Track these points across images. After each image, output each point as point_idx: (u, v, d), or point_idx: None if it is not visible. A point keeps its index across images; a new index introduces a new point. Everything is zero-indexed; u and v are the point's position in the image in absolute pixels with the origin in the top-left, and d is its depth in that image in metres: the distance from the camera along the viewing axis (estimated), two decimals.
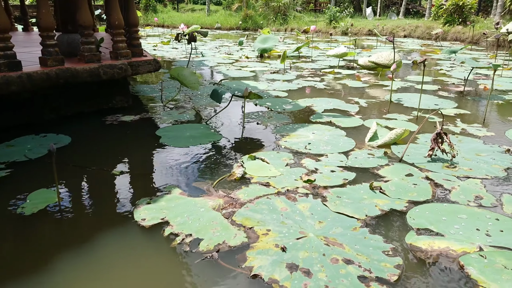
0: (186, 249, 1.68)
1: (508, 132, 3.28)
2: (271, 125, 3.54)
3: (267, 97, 4.72)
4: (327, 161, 2.67)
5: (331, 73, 6.61)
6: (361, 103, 4.41)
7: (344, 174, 2.47)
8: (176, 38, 5.44)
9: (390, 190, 2.23)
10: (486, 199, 2.12)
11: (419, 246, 1.70)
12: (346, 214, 1.97)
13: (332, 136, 3.19)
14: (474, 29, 12.62)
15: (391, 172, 2.48)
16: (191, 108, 4.13)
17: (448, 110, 4.05)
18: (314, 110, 4.10)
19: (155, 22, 19.26)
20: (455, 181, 2.35)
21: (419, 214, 1.96)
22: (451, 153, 2.63)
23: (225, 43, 13.08)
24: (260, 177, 2.41)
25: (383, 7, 25.53)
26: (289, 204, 2.07)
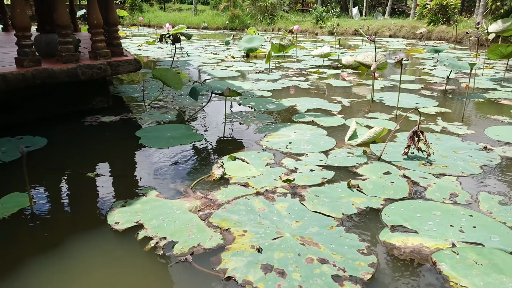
0: (160, 253, 1.66)
1: (487, 130, 3.33)
2: (253, 125, 3.53)
3: (251, 97, 4.71)
4: (307, 161, 2.68)
5: (316, 73, 6.63)
6: (344, 102, 4.43)
7: (323, 173, 2.47)
8: (160, 39, 5.36)
9: (368, 189, 2.24)
10: (461, 196, 2.15)
11: (393, 243, 1.72)
12: (323, 213, 1.97)
13: (313, 136, 3.19)
14: (457, 29, 12.83)
15: (369, 171, 2.49)
16: (173, 108, 4.09)
17: (429, 108, 4.10)
18: (297, 109, 4.10)
19: (141, 21, 19.03)
20: (431, 178, 2.38)
21: (394, 211, 1.97)
22: (426, 151, 2.66)
23: (211, 42, 13.02)
24: (240, 178, 2.39)
25: (369, 7, 25.76)
26: (267, 204, 2.06)
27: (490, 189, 2.25)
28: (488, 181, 2.36)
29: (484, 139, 3.13)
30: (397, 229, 1.83)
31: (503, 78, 6.01)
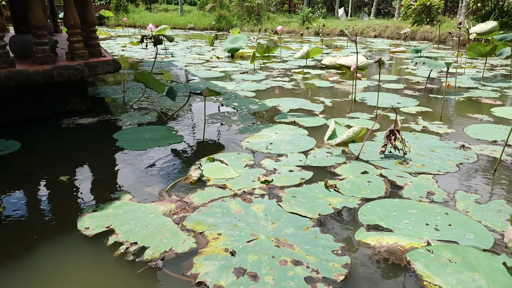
0: (130, 258, 1.61)
1: (466, 129, 3.36)
2: (235, 126, 3.49)
3: (234, 97, 4.68)
4: (286, 161, 2.65)
5: (300, 73, 6.63)
6: (326, 102, 4.43)
7: (301, 173, 2.45)
8: (141, 40, 5.28)
9: (345, 188, 2.23)
10: (438, 194, 2.15)
11: (368, 242, 1.70)
12: (300, 214, 1.95)
13: (294, 136, 3.17)
14: (441, 29, 13.02)
15: (347, 170, 2.48)
16: (154, 109, 4.02)
17: (410, 108, 4.13)
18: (280, 110, 4.08)
19: (125, 22, 18.82)
20: (407, 177, 2.38)
21: (370, 211, 1.96)
22: (403, 150, 2.67)
23: (197, 43, 12.94)
24: (217, 179, 2.36)
25: (355, 8, 25.98)
26: (244, 206, 2.03)
27: (467, 187, 2.27)
28: (464, 180, 2.38)
29: (463, 137, 3.15)
30: (372, 228, 1.81)
31: (482, 77, 6.10)
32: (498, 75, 6.27)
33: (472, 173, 2.46)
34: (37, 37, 3.49)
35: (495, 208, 1.99)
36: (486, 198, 2.12)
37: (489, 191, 2.22)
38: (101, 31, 16.70)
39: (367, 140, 3.07)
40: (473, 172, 2.48)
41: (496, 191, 2.23)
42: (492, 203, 2.05)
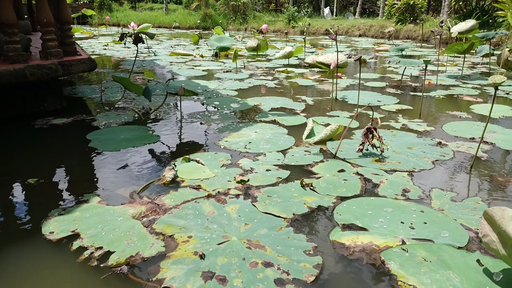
0: (94, 264, 1.53)
1: (445, 126, 3.37)
2: (214, 125, 3.43)
3: (216, 96, 4.61)
4: (264, 160, 2.61)
5: (284, 72, 6.60)
6: (308, 101, 4.40)
7: (278, 172, 2.41)
8: (120, 38, 5.15)
9: (321, 187, 2.20)
10: (413, 192, 2.14)
11: (343, 242, 1.67)
12: (274, 214, 1.90)
13: (274, 135, 3.13)
14: (424, 27, 13.17)
15: (324, 169, 2.45)
16: (131, 109, 3.93)
17: (391, 106, 4.13)
18: (261, 109, 4.04)
19: (108, 21, 18.52)
20: (383, 175, 2.36)
21: (346, 209, 1.93)
22: (380, 148, 2.66)
23: (181, 42, 12.81)
24: (192, 180, 2.29)
25: (341, 7, 26.14)
26: (218, 207, 1.97)
27: (443, 185, 2.26)
28: (440, 177, 2.37)
29: (441, 135, 3.16)
30: (348, 227, 1.78)
31: (462, 75, 6.17)
32: (477, 73, 6.35)
33: (448, 170, 2.46)
34: (8, 35, 3.37)
35: (471, 206, 1.98)
36: (462, 195, 2.11)
37: (465, 188, 2.22)
38: (83, 30, 16.41)
39: (345, 138, 3.05)
40: (449, 169, 2.47)
41: (472, 188, 2.23)
42: (467, 200, 2.04)
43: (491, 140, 2.99)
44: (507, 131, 3.23)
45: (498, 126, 3.36)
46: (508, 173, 2.41)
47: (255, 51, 8.72)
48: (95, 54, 8.90)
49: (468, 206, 1.97)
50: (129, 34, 6.45)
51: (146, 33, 5.89)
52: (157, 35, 16.45)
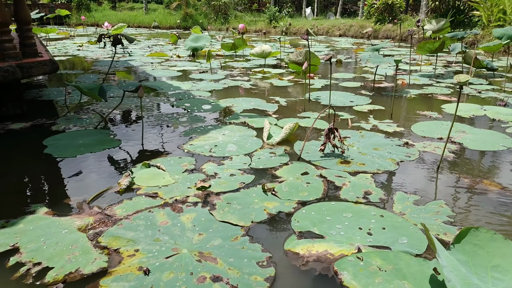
0: (29, 281, 1.42)
1: (414, 126, 3.35)
2: (182, 127, 3.32)
3: (188, 97, 4.50)
4: (229, 164, 2.52)
5: (260, 72, 6.53)
6: (281, 102, 4.34)
7: (242, 177, 2.33)
8: (98, 39, 4.99)
9: (283, 191, 2.13)
10: (374, 194, 2.09)
11: (297, 251, 1.59)
12: (231, 223, 1.82)
13: (242, 137, 3.05)
14: (401, 27, 13.31)
15: (287, 172, 2.39)
16: (95, 112, 3.78)
17: (363, 106, 4.10)
18: (233, 110, 3.95)
19: (84, 21, 18.08)
20: (346, 177, 2.31)
21: (304, 216, 1.86)
22: (341, 148, 2.63)
23: (160, 42, 12.60)
24: (150, 187, 2.19)
25: (322, 7, 26.27)
26: (172, 216, 1.87)
27: (406, 187, 2.22)
28: (403, 178, 2.33)
29: (410, 135, 3.13)
30: (304, 235, 1.71)
31: (435, 74, 6.23)
32: (451, 72, 6.42)
33: (412, 172, 2.43)
34: None
35: (433, 210, 1.93)
36: (426, 198, 2.07)
37: (429, 191, 2.18)
38: (58, 31, 15.98)
39: (313, 140, 3.00)
40: (413, 171, 2.44)
41: (437, 191, 2.19)
42: (431, 204, 2.00)
43: (459, 140, 2.98)
44: (476, 130, 3.23)
45: (467, 126, 3.36)
46: (474, 174, 2.39)
47: (234, 49, 8.61)
48: (68, 55, 8.64)
49: (431, 210, 1.93)
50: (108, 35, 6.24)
51: (126, 37, 5.73)
52: (136, 35, 16.16)
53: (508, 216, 1.89)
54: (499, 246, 1.44)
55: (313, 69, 5.90)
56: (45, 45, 6.58)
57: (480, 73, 6.24)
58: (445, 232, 1.72)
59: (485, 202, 2.03)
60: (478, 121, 3.56)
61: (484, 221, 1.85)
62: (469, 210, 1.95)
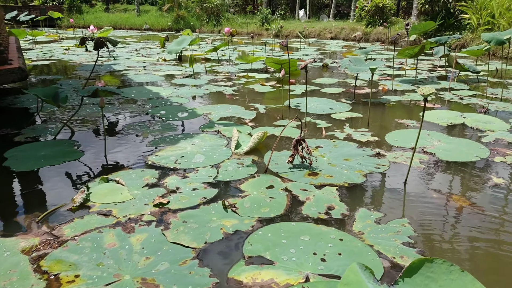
0: None
1: (388, 135, 3.29)
2: (151, 137, 3.24)
3: (165, 104, 4.41)
4: (194, 177, 2.44)
5: (245, 77, 6.46)
6: (260, 109, 4.26)
7: (205, 192, 2.25)
8: (81, 43, 4.87)
9: (244, 208, 2.05)
10: (337, 209, 2.03)
11: (241, 280, 1.51)
12: (183, 244, 1.74)
13: (211, 147, 2.97)
14: (392, 30, 13.32)
15: (252, 185, 2.32)
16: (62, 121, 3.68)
17: (341, 114, 4.03)
18: (209, 118, 3.87)
19: (72, 23, 17.92)
20: (312, 190, 2.25)
21: (259, 238, 1.78)
22: (309, 160, 2.57)
23: (149, 44, 12.50)
24: (105, 204, 2.10)
25: (315, 9, 26.28)
26: (122, 237, 1.79)
27: (369, 202, 2.15)
28: (368, 192, 2.27)
29: (383, 145, 3.07)
30: (253, 261, 1.63)
31: (416, 80, 6.19)
32: (435, 76, 6.38)
33: (379, 185, 2.36)
34: None
35: (394, 229, 1.87)
36: (389, 215, 2.00)
37: (393, 206, 2.12)
38: (47, 34, 15.83)
39: (284, 150, 2.93)
40: (380, 184, 2.38)
41: (401, 207, 2.13)
42: (393, 222, 1.93)
43: (433, 150, 2.92)
44: (452, 139, 3.18)
45: (443, 135, 3.31)
46: (443, 189, 2.33)
47: (215, 50, 8.54)
48: (52, 59, 8.51)
49: (392, 229, 1.86)
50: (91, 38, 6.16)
51: (109, 40, 5.64)
52: (125, 37, 16.04)
53: (473, 238, 1.83)
54: (455, 278, 1.36)
55: (297, 73, 5.86)
56: (22, 50, 6.45)
57: (464, 78, 6.21)
58: (402, 255, 1.65)
59: (451, 221, 1.97)
60: (455, 129, 3.51)
61: (446, 244, 1.78)
62: (432, 230, 1.88)
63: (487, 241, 1.79)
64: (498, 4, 10.62)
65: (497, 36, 5.09)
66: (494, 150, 2.95)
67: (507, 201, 2.17)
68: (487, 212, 2.05)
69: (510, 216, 2.01)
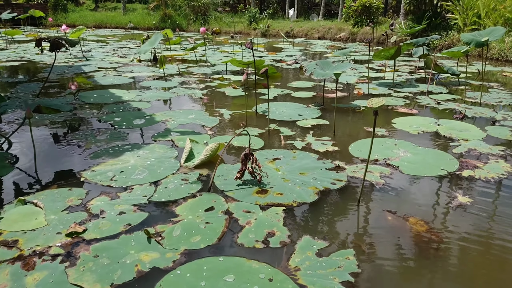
0: None
1: (352, 145, 3.04)
2: (95, 148, 2.97)
3: (122, 110, 4.13)
4: (125, 198, 2.18)
5: (220, 79, 6.19)
6: (225, 115, 4.00)
7: (132, 216, 1.99)
8: (37, 44, 4.57)
9: (171, 237, 1.80)
10: (277, 236, 1.79)
11: None
12: (83, 287, 1.48)
13: (158, 160, 2.71)
14: (379, 30, 13.14)
15: (190, 207, 2.07)
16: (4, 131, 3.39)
17: (308, 121, 3.78)
18: (166, 125, 3.60)
19: (50, 22, 17.47)
20: (255, 212, 2.01)
21: (174, 280, 1.52)
22: (258, 176, 2.33)
23: (130, 44, 12.17)
24: (13, 232, 1.83)
25: (306, 8, 26.06)
26: (17, 277, 1.52)
27: (316, 226, 1.91)
28: (317, 214, 2.03)
29: (345, 156, 2.83)
30: None
31: (393, 83, 5.98)
32: (414, 79, 6.16)
33: (330, 205, 2.12)
34: None
35: (336, 263, 1.62)
36: (335, 245, 1.76)
37: (341, 233, 1.87)
38: (22, 33, 15.40)
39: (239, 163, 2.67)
40: (332, 204, 2.14)
41: (350, 233, 1.88)
42: (336, 254, 1.68)
43: (397, 163, 2.69)
44: (420, 150, 2.95)
45: (411, 144, 3.07)
46: (401, 209, 2.09)
47: (192, 50, 8.25)
48: (23, 60, 8.16)
49: (333, 264, 1.62)
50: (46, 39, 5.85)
51: (66, 40, 5.34)
52: (108, 36, 15.67)
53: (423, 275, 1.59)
54: None
55: (278, 76, 5.62)
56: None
57: (446, 81, 6.01)
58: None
59: (402, 252, 1.73)
60: (426, 138, 3.28)
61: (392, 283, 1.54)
62: (379, 265, 1.64)
63: (441, 278, 1.55)
64: (484, 4, 10.48)
65: (477, 38, 4.87)
66: (464, 162, 2.72)
67: (470, 225, 1.94)
68: (445, 239, 1.82)
69: (470, 243, 1.78)
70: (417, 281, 1.55)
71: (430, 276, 1.57)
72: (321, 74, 3.53)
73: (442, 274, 1.57)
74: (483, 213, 2.05)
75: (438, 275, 1.57)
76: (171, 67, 7.38)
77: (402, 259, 1.68)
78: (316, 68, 3.71)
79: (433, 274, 1.58)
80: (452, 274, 1.57)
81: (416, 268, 1.62)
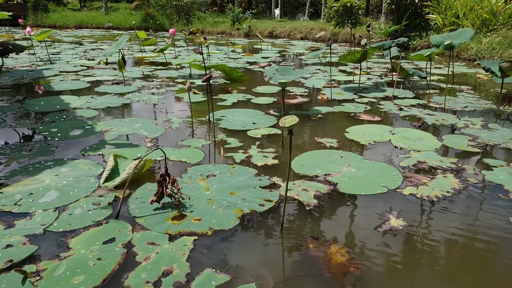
0: None
1: (297, 159, 2.83)
2: (15, 164, 2.71)
3: (63, 119, 3.85)
4: (21, 226, 1.94)
5: (183, 83, 5.95)
6: (175, 123, 3.76)
7: (19, 250, 1.75)
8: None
9: (51, 277, 1.57)
10: (174, 274, 1.58)
11: None
12: None
13: (77, 179, 2.47)
14: (360, 31, 13.00)
15: (87, 239, 1.83)
16: None
17: (260, 130, 3.56)
18: (104, 136, 3.35)
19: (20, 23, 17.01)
20: (161, 243, 1.79)
21: None
22: (176, 198, 2.11)
23: (104, 45, 11.85)
24: None
25: (292, 8, 25.89)
26: None
27: (222, 257, 1.70)
28: (229, 244, 1.81)
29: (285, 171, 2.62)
30: None
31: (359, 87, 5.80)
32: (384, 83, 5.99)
33: (250, 232, 1.91)
34: None
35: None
36: (238, 279, 1.55)
37: (252, 263, 1.67)
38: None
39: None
40: (252, 230, 1.93)
41: (261, 264, 1.67)
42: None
43: (337, 179, 2.48)
44: (365, 163, 2.75)
45: (359, 157, 2.88)
46: (325, 236, 1.89)
47: (161, 51, 8.00)
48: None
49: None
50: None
51: (13, 45, 5.03)
52: (85, 37, 15.30)
53: None
54: None
55: (245, 79, 5.39)
56: None
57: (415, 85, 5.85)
58: None
59: (316, 285, 1.53)
60: (376, 149, 3.09)
61: None
62: None
63: None
64: (462, 5, 10.40)
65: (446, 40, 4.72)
66: (410, 177, 2.54)
67: (396, 253, 1.75)
68: (366, 270, 1.62)
69: (393, 276, 1.58)
70: None
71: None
72: (278, 78, 3.33)
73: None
74: (414, 239, 1.86)
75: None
76: (137, 70, 7.12)
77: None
78: (275, 74, 3.51)
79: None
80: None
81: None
